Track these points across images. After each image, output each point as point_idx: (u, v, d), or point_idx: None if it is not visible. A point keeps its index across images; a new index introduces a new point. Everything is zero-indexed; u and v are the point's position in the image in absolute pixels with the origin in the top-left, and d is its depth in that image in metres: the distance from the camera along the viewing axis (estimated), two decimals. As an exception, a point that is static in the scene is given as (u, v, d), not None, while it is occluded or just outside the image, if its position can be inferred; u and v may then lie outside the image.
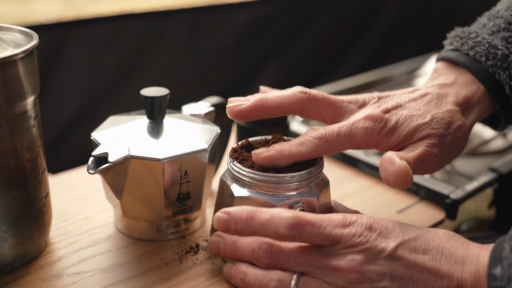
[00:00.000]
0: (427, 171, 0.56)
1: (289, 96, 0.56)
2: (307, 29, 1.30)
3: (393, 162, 0.51)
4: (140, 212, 0.58)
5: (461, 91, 0.60)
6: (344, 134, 0.54)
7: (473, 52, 0.61)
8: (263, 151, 0.54)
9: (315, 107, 0.57)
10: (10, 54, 0.47)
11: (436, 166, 0.56)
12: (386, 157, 0.52)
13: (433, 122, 0.56)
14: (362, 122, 0.55)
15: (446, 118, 0.56)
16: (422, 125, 0.55)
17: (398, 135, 0.55)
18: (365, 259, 0.46)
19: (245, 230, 0.49)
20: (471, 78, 0.61)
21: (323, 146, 0.54)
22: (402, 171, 0.51)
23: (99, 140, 0.56)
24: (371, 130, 0.55)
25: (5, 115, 0.49)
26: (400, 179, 0.51)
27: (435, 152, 0.55)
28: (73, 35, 0.96)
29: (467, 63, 0.61)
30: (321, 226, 0.47)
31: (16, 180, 0.51)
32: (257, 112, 0.56)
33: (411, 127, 0.55)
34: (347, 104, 0.58)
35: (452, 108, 0.58)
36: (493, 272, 0.44)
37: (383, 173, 0.52)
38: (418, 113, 0.56)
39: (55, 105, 0.98)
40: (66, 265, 0.55)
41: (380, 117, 0.55)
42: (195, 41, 1.12)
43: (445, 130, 0.56)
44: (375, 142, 0.55)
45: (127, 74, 1.05)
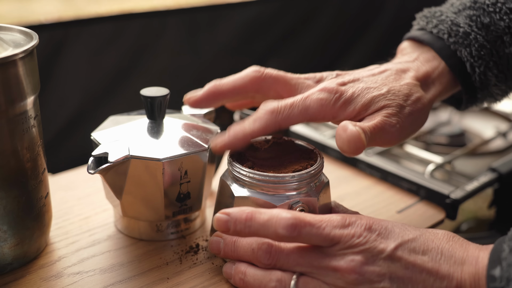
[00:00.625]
0: (387, 142, 0.55)
1: (242, 77, 0.57)
2: (306, 29, 1.30)
3: (346, 129, 0.51)
4: (140, 212, 0.58)
5: (421, 67, 0.60)
6: (298, 106, 0.54)
7: (436, 29, 0.62)
8: (218, 141, 0.54)
9: (270, 84, 0.57)
10: (10, 54, 0.47)
11: (396, 137, 0.55)
12: (341, 125, 0.52)
13: (389, 94, 0.56)
14: (317, 94, 0.54)
15: (403, 90, 0.56)
16: (378, 96, 0.55)
17: (354, 106, 0.55)
18: (364, 260, 0.46)
19: (244, 230, 0.49)
20: (433, 55, 0.61)
21: (275, 120, 0.53)
22: (355, 136, 0.50)
23: (99, 140, 0.56)
24: (325, 101, 0.54)
25: (5, 115, 0.49)
26: (353, 144, 0.51)
27: (393, 122, 0.54)
28: (72, 35, 0.96)
29: (430, 40, 0.62)
30: (320, 227, 0.47)
31: (16, 180, 0.51)
32: (212, 98, 0.57)
33: (367, 98, 0.55)
34: (303, 80, 0.58)
35: (410, 82, 0.58)
36: (492, 273, 0.44)
37: (338, 141, 0.52)
38: (375, 86, 0.56)
39: (55, 105, 0.98)
40: (66, 265, 0.55)
41: (336, 89, 0.55)
42: (194, 41, 1.12)
43: (403, 102, 0.56)
44: (331, 114, 0.55)
45: (127, 74, 1.05)
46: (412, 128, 0.57)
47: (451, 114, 0.97)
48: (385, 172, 0.73)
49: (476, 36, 0.59)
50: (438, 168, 0.76)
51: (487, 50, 0.60)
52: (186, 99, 0.58)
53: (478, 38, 0.59)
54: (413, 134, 0.58)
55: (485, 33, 0.60)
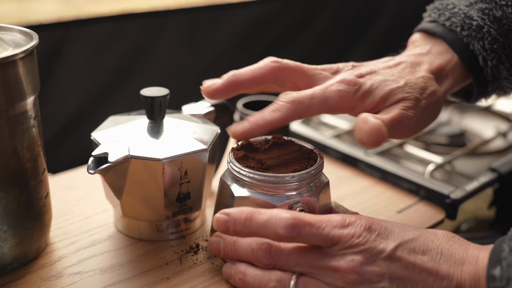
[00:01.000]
0: (403, 134, 0.56)
1: (260, 67, 0.57)
2: (306, 29, 1.30)
3: (367, 121, 0.51)
4: (140, 212, 0.58)
5: (435, 60, 0.60)
6: (318, 96, 0.54)
7: (449, 22, 0.61)
8: (238, 127, 0.54)
9: (288, 75, 0.57)
10: (10, 54, 0.47)
11: (412, 129, 0.56)
12: (361, 117, 0.52)
13: (407, 87, 0.56)
14: (336, 86, 0.55)
15: (420, 83, 0.57)
16: (396, 89, 0.56)
17: (373, 98, 0.55)
18: (364, 260, 0.46)
19: (244, 231, 0.49)
20: (445, 48, 0.61)
21: (296, 109, 0.54)
22: (376, 129, 0.51)
23: (99, 140, 0.56)
24: (345, 93, 0.54)
25: (5, 115, 0.49)
26: (374, 137, 0.51)
27: (410, 115, 0.55)
28: (72, 35, 0.96)
29: (443, 33, 0.62)
30: (320, 227, 0.47)
31: (16, 180, 0.51)
32: (231, 88, 0.56)
33: (385, 91, 0.55)
34: (320, 71, 0.58)
35: (425, 75, 0.58)
36: (492, 273, 0.44)
37: (358, 133, 0.52)
38: (392, 78, 0.57)
39: (55, 104, 0.98)
40: (66, 265, 0.55)
41: (354, 81, 0.55)
42: (194, 41, 1.12)
43: (419, 95, 0.56)
44: (350, 105, 0.55)
45: (126, 74, 1.05)
46: (427, 121, 0.58)
47: (451, 114, 0.97)
48: (385, 172, 0.73)
49: (489, 30, 0.59)
50: (438, 168, 0.76)
51: (499, 43, 0.60)
52: (204, 88, 0.57)
53: (491, 32, 0.59)
54: (427, 126, 0.59)
55: (497, 26, 0.60)
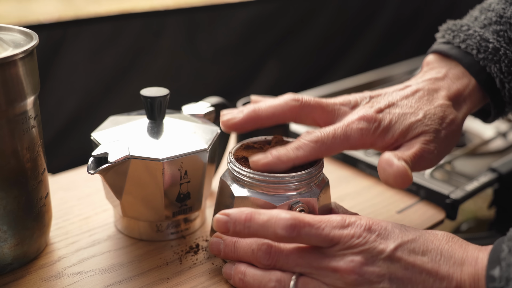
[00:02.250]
0: (424, 167, 0.56)
1: (281, 105, 0.57)
2: (306, 29, 1.30)
3: (392, 164, 0.52)
4: (140, 212, 0.58)
5: (452, 85, 0.60)
6: (340, 136, 0.55)
7: (464, 45, 0.61)
8: (260, 158, 0.54)
9: (308, 113, 0.57)
10: (10, 54, 0.47)
11: (433, 162, 0.56)
12: (384, 158, 0.52)
13: (426, 119, 0.56)
14: (356, 123, 0.55)
15: (438, 113, 0.57)
16: (415, 123, 0.56)
17: (393, 134, 0.56)
18: (364, 260, 0.46)
19: (244, 231, 0.49)
20: (462, 72, 0.61)
21: (319, 149, 0.54)
22: (402, 172, 0.51)
23: (99, 140, 0.56)
24: (365, 131, 0.55)
25: (5, 115, 0.49)
26: (400, 180, 0.51)
27: (431, 149, 0.55)
28: (71, 34, 0.96)
29: (459, 55, 0.61)
30: (320, 227, 0.47)
31: (16, 180, 0.51)
32: (251, 124, 0.57)
33: (404, 125, 0.56)
34: (339, 106, 0.58)
35: (444, 103, 0.58)
36: (491, 273, 0.44)
37: (382, 175, 0.52)
38: (411, 111, 0.57)
39: (54, 104, 0.98)
40: (66, 265, 0.55)
41: (374, 117, 0.56)
42: (193, 41, 1.12)
43: (439, 126, 0.56)
44: (370, 142, 0.56)
45: (126, 74, 1.05)
46: (447, 150, 0.58)
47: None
48: (385, 172, 0.73)
49: (505, 52, 0.59)
50: (438, 168, 0.76)
51: None
52: (223, 121, 0.58)
53: (507, 54, 0.59)
54: (446, 155, 0.59)
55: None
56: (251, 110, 0.57)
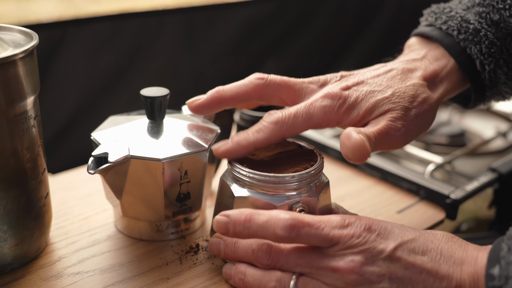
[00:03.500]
0: (392, 145, 0.55)
1: (245, 84, 0.57)
2: (305, 29, 1.30)
3: (350, 137, 0.50)
4: (140, 212, 0.58)
5: (429, 66, 0.59)
6: (302, 115, 0.54)
7: (445, 26, 0.61)
8: (221, 145, 0.54)
9: (274, 91, 0.57)
10: (10, 54, 0.47)
11: (401, 140, 0.55)
12: (344, 132, 0.51)
13: (394, 97, 0.55)
14: (320, 101, 0.54)
15: (409, 92, 0.56)
16: (382, 100, 0.55)
17: (358, 111, 0.55)
18: (364, 260, 0.46)
19: (244, 232, 0.49)
20: (441, 53, 0.60)
21: (280, 130, 0.54)
22: (359, 144, 0.50)
23: (99, 140, 0.56)
24: (329, 108, 0.54)
25: (5, 115, 0.49)
26: (358, 153, 0.50)
27: (398, 126, 0.54)
28: (70, 34, 0.96)
29: (439, 36, 0.61)
30: (319, 227, 0.47)
31: (16, 180, 0.51)
32: (215, 104, 0.57)
33: (370, 102, 0.55)
34: (307, 85, 0.58)
35: (417, 82, 0.57)
36: (491, 272, 0.44)
37: (342, 149, 0.51)
38: (379, 89, 0.56)
39: (54, 104, 0.98)
40: (66, 265, 0.55)
41: (339, 95, 0.55)
42: (193, 40, 1.12)
43: (408, 104, 0.55)
44: (335, 120, 0.55)
45: (125, 73, 1.05)
46: (418, 130, 0.57)
47: (451, 114, 0.97)
48: (385, 172, 0.73)
49: (486, 33, 0.59)
50: (438, 168, 0.76)
51: (497, 47, 0.59)
52: (188, 103, 0.58)
53: (488, 35, 0.59)
54: (420, 135, 0.58)
55: (495, 30, 0.59)
56: (215, 91, 0.57)
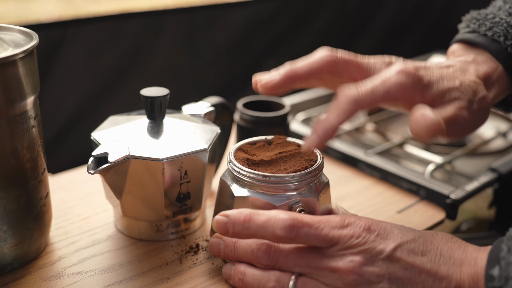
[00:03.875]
0: (456, 134, 0.54)
1: (317, 60, 0.56)
2: (305, 28, 1.30)
3: (425, 115, 0.50)
4: (140, 212, 0.58)
5: (481, 68, 0.59)
6: (379, 90, 0.53)
7: (491, 32, 0.60)
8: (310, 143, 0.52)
9: (344, 68, 0.56)
10: (10, 54, 0.47)
11: (464, 131, 0.55)
12: (419, 111, 0.50)
13: (462, 87, 0.55)
14: (396, 77, 0.53)
15: (472, 86, 0.56)
16: (453, 88, 0.54)
17: (432, 92, 0.54)
18: (363, 261, 0.46)
19: (243, 232, 0.49)
20: (489, 57, 0.60)
21: (359, 106, 0.52)
22: (436, 124, 0.49)
23: (99, 140, 0.56)
24: (405, 85, 0.53)
25: (5, 115, 0.49)
26: (432, 131, 0.50)
27: (465, 116, 0.54)
28: (71, 34, 0.96)
29: (486, 43, 0.61)
30: (319, 228, 0.47)
31: (16, 180, 0.51)
32: (290, 82, 0.56)
33: (444, 87, 0.54)
34: (374, 64, 0.57)
35: (476, 80, 0.57)
36: (490, 273, 0.44)
37: (415, 126, 0.50)
38: (447, 77, 0.55)
39: (54, 104, 0.98)
40: (66, 265, 0.55)
41: (413, 72, 0.54)
42: (193, 40, 1.12)
43: (472, 97, 0.55)
44: (409, 97, 0.54)
45: (125, 73, 1.05)
46: (476, 125, 0.57)
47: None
48: (385, 172, 0.73)
49: None
50: (438, 168, 0.76)
51: None
52: (262, 84, 0.56)
53: None
54: (474, 131, 0.58)
55: None
56: (288, 69, 0.56)
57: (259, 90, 0.56)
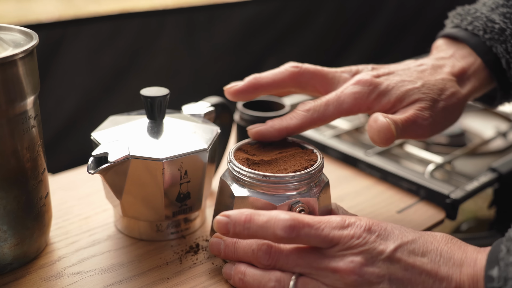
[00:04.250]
0: (419, 135, 0.57)
1: (281, 71, 0.59)
2: (305, 28, 1.30)
3: (376, 120, 0.53)
4: (140, 212, 0.58)
5: (457, 63, 0.61)
6: (333, 102, 0.56)
7: (471, 26, 0.62)
8: (255, 126, 0.57)
9: (308, 79, 0.59)
10: (10, 54, 0.47)
11: (428, 130, 0.57)
12: (372, 116, 0.54)
13: (424, 87, 0.57)
14: (351, 88, 0.56)
15: (438, 85, 0.57)
16: (412, 90, 0.56)
17: (389, 98, 0.56)
18: (364, 261, 0.46)
19: (244, 232, 0.49)
20: (468, 52, 0.62)
21: (312, 117, 0.56)
22: (385, 127, 0.53)
23: (99, 140, 0.56)
24: (359, 94, 0.56)
25: (5, 115, 0.49)
26: (383, 135, 0.53)
27: (426, 116, 0.56)
28: (70, 34, 0.96)
29: (466, 37, 0.63)
30: (319, 228, 0.47)
31: (16, 180, 0.51)
32: (252, 90, 0.59)
33: (401, 91, 0.56)
34: (340, 74, 0.59)
35: (446, 77, 0.59)
36: (490, 274, 0.44)
37: (369, 131, 0.54)
38: (409, 79, 0.58)
39: (53, 104, 0.98)
40: (66, 265, 0.55)
41: (370, 81, 0.56)
42: (193, 40, 1.12)
43: (437, 96, 0.57)
44: (366, 106, 0.56)
45: (125, 73, 1.05)
46: (445, 123, 0.59)
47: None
48: (385, 172, 0.73)
49: (511, 32, 0.60)
50: (438, 168, 0.76)
51: None
52: (226, 88, 0.60)
53: None
54: (446, 128, 0.60)
55: None
56: (252, 78, 0.59)
57: (225, 94, 0.60)
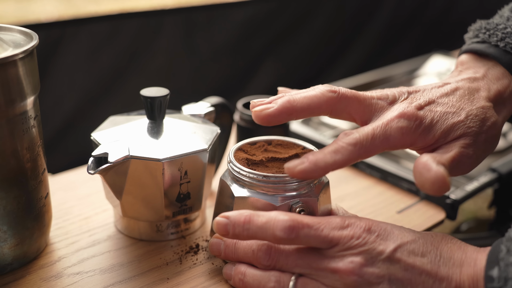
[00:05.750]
0: (461, 172, 0.53)
1: (317, 96, 0.52)
2: (304, 28, 1.30)
3: (430, 169, 0.47)
4: (140, 212, 0.58)
5: (492, 86, 0.57)
6: (379, 136, 0.50)
7: (503, 43, 0.58)
8: (297, 164, 0.50)
9: (345, 106, 0.53)
10: (10, 54, 0.47)
11: (470, 167, 0.53)
12: (422, 161, 0.48)
13: (468, 120, 0.52)
14: (396, 122, 0.51)
15: (480, 115, 0.53)
16: (457, 123, 0.52)
17: (434, 134, 0.52)
18: (363, 261, 0.46)
19: (243, 233, 0.49)
20: (502, 72, 0.58)
21: (358, 152, 0.50)
22: (440, 178, 0.47)
23: (99, 140, 0.56)
24: (406, 130, 0.51)
25: (5, 115, 0.49)
26: (437, 187, 0.47)
27: (470, 153, 0.52)
28: (70, 33, 0.96)
29: (497, 54, 0.58)
30: (319, 229, 0.47)
31: (16, 180, 0.51)
32: (285, 115, 0.52)
33: (447, 125, 0.52)
34: (376, 101, 0.54)
35: (485, 104, 0.54)
36: (490, 274, 0.44)
37: (419, 179, 0.48)
38: (452, 110, 0.53)
39: (53, 104, 0.98)
40: (66, 265, 0.55)
41: (415, 115, 0.51)
42: (192, 40, 1.12)
43: (479, 128, 0.52)
44: (410, 141, 0.52)
45: (125, 73, 1.05)
46: (484, 155, 0.54)
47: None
48: (385, 172, 0.73)
49: None
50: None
51: None
52: (256, 112, 0.52)
53: None
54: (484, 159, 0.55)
55: None
56: (285, 101, 0.51)
57: (253, 117, 0.53)
